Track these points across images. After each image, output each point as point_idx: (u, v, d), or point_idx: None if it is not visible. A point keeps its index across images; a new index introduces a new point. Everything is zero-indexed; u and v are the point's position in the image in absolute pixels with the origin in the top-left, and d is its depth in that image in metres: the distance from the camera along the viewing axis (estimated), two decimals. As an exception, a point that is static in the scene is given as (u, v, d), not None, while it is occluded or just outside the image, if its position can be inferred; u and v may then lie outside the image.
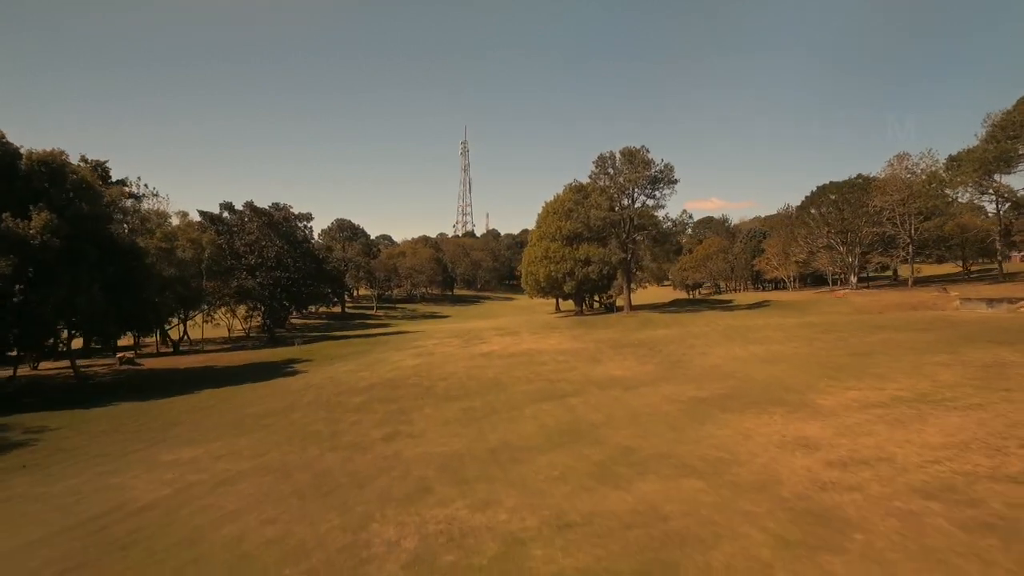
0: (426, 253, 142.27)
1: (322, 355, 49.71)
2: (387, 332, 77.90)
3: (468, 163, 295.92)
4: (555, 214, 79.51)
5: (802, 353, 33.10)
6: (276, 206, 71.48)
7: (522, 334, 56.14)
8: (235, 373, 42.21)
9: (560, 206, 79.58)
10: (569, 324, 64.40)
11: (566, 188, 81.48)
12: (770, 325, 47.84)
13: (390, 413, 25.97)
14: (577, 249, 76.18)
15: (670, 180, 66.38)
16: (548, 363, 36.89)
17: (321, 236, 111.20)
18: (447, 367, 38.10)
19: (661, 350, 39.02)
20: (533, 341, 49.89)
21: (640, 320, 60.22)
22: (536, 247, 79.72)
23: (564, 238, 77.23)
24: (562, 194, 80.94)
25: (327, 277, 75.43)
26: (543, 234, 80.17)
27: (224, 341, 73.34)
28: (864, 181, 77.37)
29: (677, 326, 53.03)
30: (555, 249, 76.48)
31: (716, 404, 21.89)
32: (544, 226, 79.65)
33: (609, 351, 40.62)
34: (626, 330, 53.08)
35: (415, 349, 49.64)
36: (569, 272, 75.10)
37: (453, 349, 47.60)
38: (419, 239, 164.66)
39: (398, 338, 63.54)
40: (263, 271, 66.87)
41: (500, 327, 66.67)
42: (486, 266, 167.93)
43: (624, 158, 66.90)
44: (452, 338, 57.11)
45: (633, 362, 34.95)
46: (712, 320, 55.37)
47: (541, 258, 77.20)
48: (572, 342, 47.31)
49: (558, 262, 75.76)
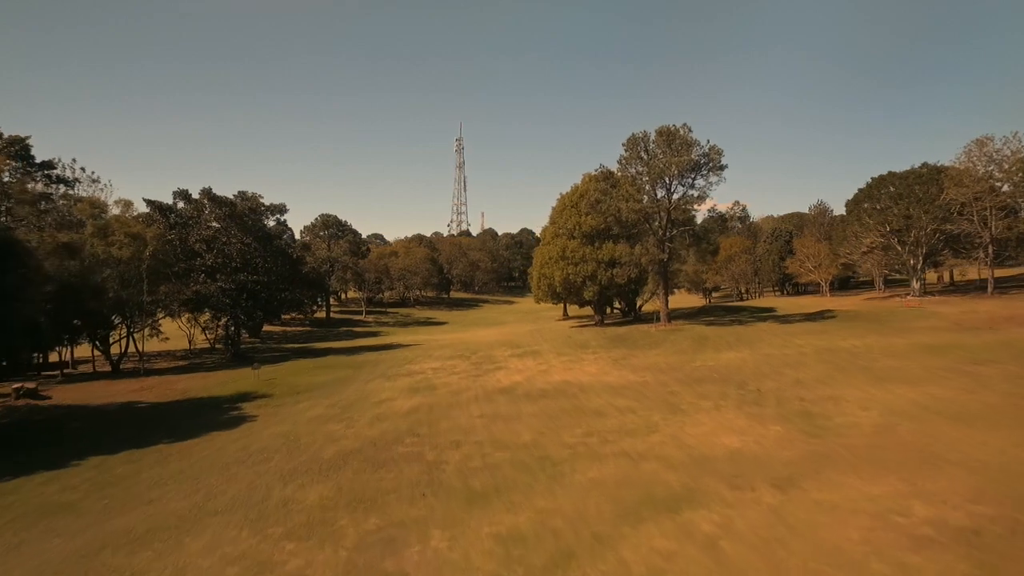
0: (420, 253, 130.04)
1: (287, 385, 37.55)
2: (376, 346, 65.76)
3: (463, 160, 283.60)
4: (573, 208, 67.64)
5: (1002, 407, 21.57)
6: (242, 195, 59.21)
7: (545, 354, 44.30)
8: (152, 419, 29.94)
9: (578, 198, 67.75)
10: (598, 339, 52.58)
11: (586, 177, 69.62)
12: (877, 348, 36.27)
13: (367, 543, 14.00)
14: (600, 249, 64.40)
15: (717, 166, 54.90)
16: (605, 412, 25.04)
17: (304, 233, 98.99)
18: (456, 416, 26.18)
19: (760, 390, 27.28)
20: (564, 366, 38.07)
21: (689, 337, 48.48)
22: (551, 246, 67.84)
23: (584, 235, 65.40)
24: (581, 184, 69.09)
25: (304, 280, 63.19)
26: (559, 231, 68.32)
27: (183, 355, 60.91)
28: (931, 171, 66.22)
29: (744, 346, 41.37)
30: (573, 248, 64.66)
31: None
32: (560, 221, 67.80)
33: (682, 389, 28.83)
34: (680, 352, 41.31)
35: (409, 378, 37.65)
36: (590, 275, 63.31)
37: (460, 379, 35.68)
38: (413, 238, 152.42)
39: (389, 356, 51.45)
40: (225, 273, 54.62)
41: (512, 342, 54.77)
42: (484, 267, 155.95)
43: (661, 139, 55.30)
44: (456, 358, 45.20)
45: (738, 415, 23.17)
46: (786, 338, 43.67)
47: (557, 259, 65.35)
48: (619, 370, 35.51)
49: (577, 264, 63.93)
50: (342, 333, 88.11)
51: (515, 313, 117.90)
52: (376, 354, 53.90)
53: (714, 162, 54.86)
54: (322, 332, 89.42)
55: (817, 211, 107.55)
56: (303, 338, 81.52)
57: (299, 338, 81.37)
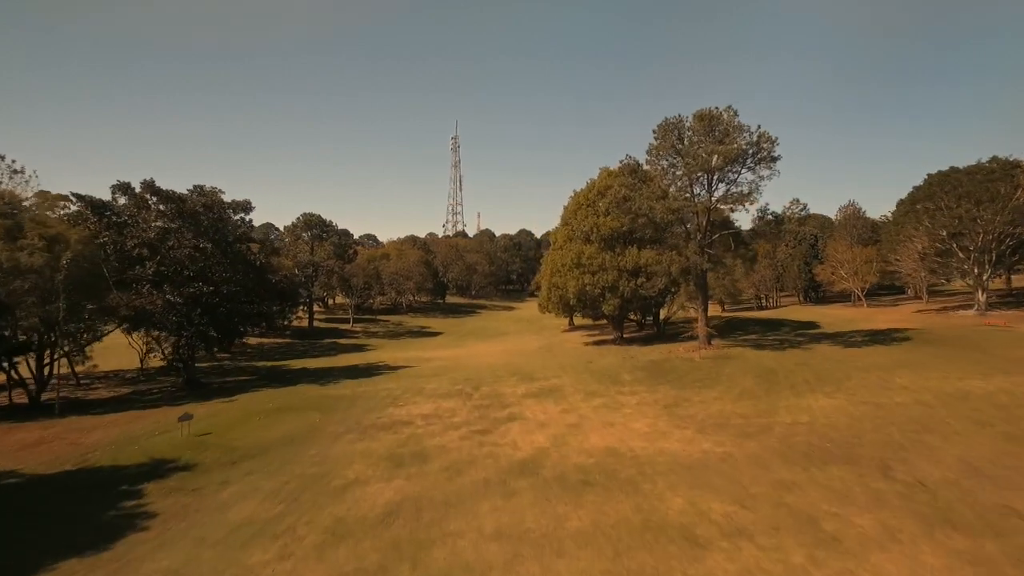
0: (413, 255, 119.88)
1: (223, 447, 27.31)
2: (359, 367, 55.65)
3: (459, 159, 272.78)
4: (588, 207, 57.79)
5: None
6: (198, 189, 48.95)
7: (568, 392, 34.30)
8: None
9: (595, 196, 57.90)
10: (628, 366, 42.67)
11: (603, 172, 59.74)
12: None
13: None
14: (621, 255, 54.60)
15: (768, 157, 45.33)
16: (700, 539, 15.09)
17: (286, 234, 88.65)
18: (457, 533, 16.20)
19: (923, 483, 17.43)
20: (599, 417, 28.13)
21: (746, 368, 38.51)
22: (564, 251, 57.91)
23: (602, 239, 55.56)
24: (598, 180, 59.23)
25: (274, 291, 52.92)
26: (572, 233, 58.45)
27: (132, 378, 50.58)
28: (1003, 166, 56.82)
29: (830, 386, 31.53)
30: (591, 255, 54.77)
31: None
32: (575, 223, 57.90)
33: (796, 476, 18.87)
34: (749, 395, 31.30)
35: (392, 433, 27.52)
36: (611, 286, 53.46)
37: (461, 440, 25.65)
38: (406, 239, 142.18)
39: (371, 388, 41.33)
40: (174, 284, 44.43)
41: (522, 368, 44.80)
42: (482, 270, 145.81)
43: (700, 125, 45.57)
44: (454, 396, 35.17)
45: (939, 554, 13.38)
46: (879, 375, 33.57)
47: (571, 266, 55.45)
48: (678, 426, 25.56)
49: (595, 272, 54.06)
50: (325, 347, 77.91)
51: (516, 321, 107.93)
52: (356, 384, 43.74)
53: (765, 152, 45.11)
54: (303, 345, 79.21)
55: (847, 212, 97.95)
56: (279, 353, 71.29)
57: (275, 353, 71.13)
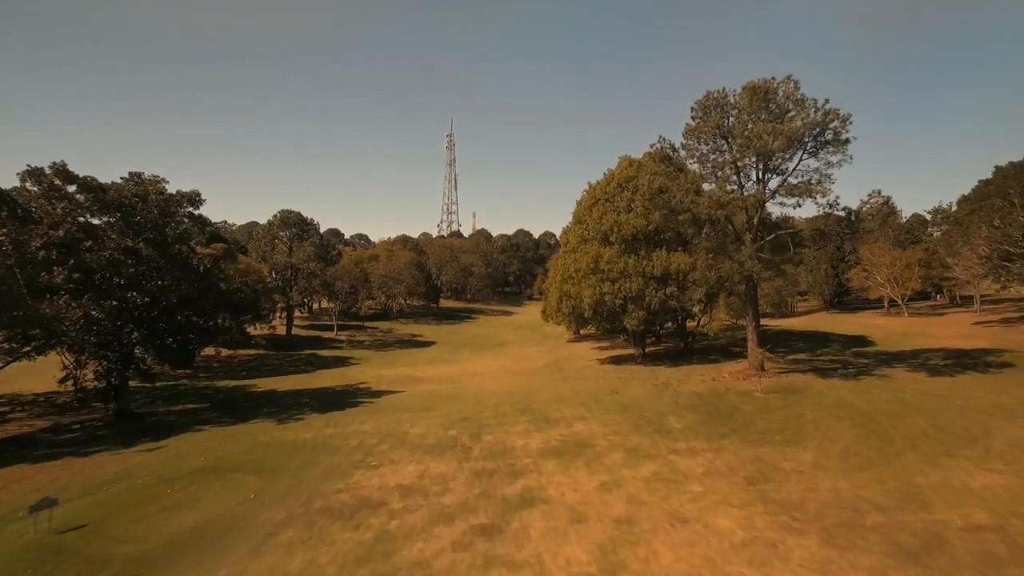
0: (405, 257, 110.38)
1: (83, 563, 17.68)
2: (332, 392, 46.32)
3: (454, 157, 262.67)
4: (607, 202, 48.58)
5: None
6: (135, 178, 39.43)
7: (603, 449, 24.89)
8: None
9: (615, 190, 48.67)
10: (670, 405, 33.44)
11: (623, 162, 50.57)
12: None
13: None
14: (648, 259, 45.44)
15: (836, 139, 36.31)
16: None
17: (262, 233, 78.96)
18: None
19: None
20: (662, 505, 18.73)
21: (827, 407, 29.34)
22: (576, 255, 48.62)
23: (624, 241, 46.39)
24: (618, 170, 49.99)
25: (225, 302, 43.21)
26: (587, 233, 49.21)
27: (62, 405, 40.93)
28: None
29: (964, 441, 22.48)
30: (611, 258, 45.52)
31: None
32: (590, 221, 48.62)
33: None
34: (864, 462, 21.93)
35: (350, 535, 17.98)
36: (635, 296, 44.30)
37: (451, 553, 16.23)
38: (397, 240, 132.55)
39: (337, 433, 31.80)
40: (99, 294, 34.95)
41: (532, 403, 35.49)
42: (478, 272, 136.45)
43: (752, 100, 36.52)
44: (447, 452, 25.84)
45: None
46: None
47: (587, 272, 46.21)
48: (796, 530, 16.20)
49: (616, 280, 44.84)
50: (302, 360, 68.35)
51: (515, 328, 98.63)
52: (324, 421, 34.26)
53: (834, 133, 36.00)
54: (277, 358, 69.61)
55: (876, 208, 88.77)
56: (249, 368, 61.71)
57: (244, 368, 61.57)
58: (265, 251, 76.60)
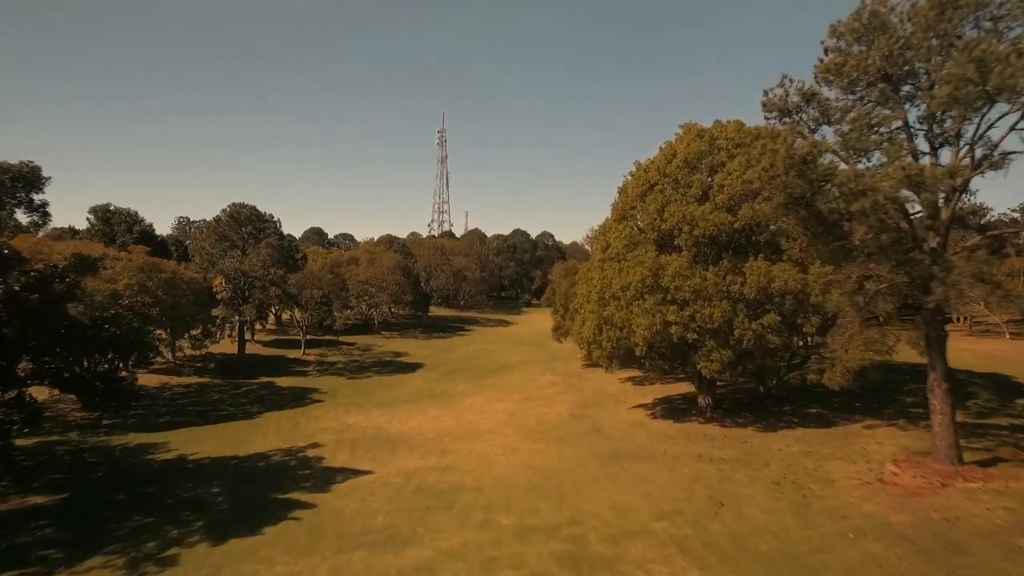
0: (389, 260, 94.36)
1: None
2: (265, 467, 30.61)
3: (446, 154, 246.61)
4: (672, 186, 33.14)
5: None
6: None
7: None
8: None
9: (677, 169, 33.18)
10: (809, 525, 18.19)
11: (691, 129, 34.94)
12: None
13: None
14: (735, 271, 30.07)
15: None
16: None
17: (207, 232, 62.72)
18: None
19: None
20: None
21: None
22: (623, 265, 32.96)
23: (698, 244, 31.00)
24: (682, 144, 34.28)
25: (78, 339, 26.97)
26: (637, 236, 33.75)
27: None
28: None
29: None
30: (679, 271, 30.00)
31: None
32: (644, 215, 33.12)
33: None
34: None
35: None
36: (717, 328, 28.95)
37: None
38: (381, 240, 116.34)
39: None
40: None
41: (588, 533, 20.00)
42: (473, 277, 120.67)
43: (935, 9, 21.55)
44: None
45: None
46: None
47: (640, 290, 30.73)
48: None
49: (688, 302, 29.44)
50: (251, 393, 52.33)
51: (516, 343, 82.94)
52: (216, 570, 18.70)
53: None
54: (221, 390, 53.59)
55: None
56: (176, 409, 45.78)
57: (169, 408, 45.65)
58: (211, 255, 60.39)
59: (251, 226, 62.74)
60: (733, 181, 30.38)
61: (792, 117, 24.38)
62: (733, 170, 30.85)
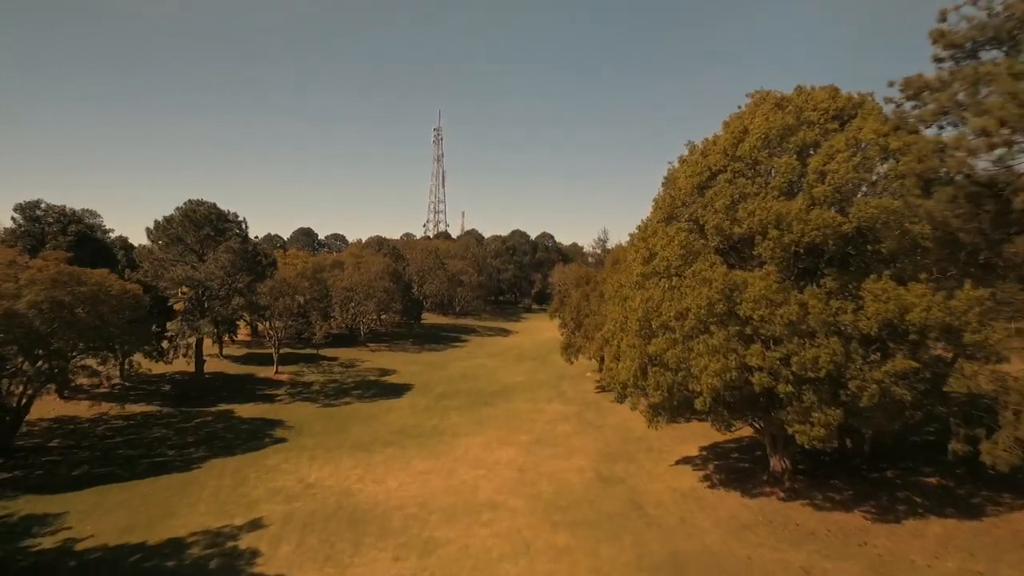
0: (377, 264, 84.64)
1: None
2: (179, 570, 21.16)
3: (442, 152, 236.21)
4: (750, 171, 23.66)
5: None
6: None
7: None
8: None
9: (752, 152, 23.80)
10: None
11: (762, 104, 25.31)
12: None
13: None
14: (847, 295, 20.70)
15: None
16: None
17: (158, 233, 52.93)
18: None
19: None
20: None
21: None
22: (678, 287, 23.57)
23: (788, 256, 21.59)
24: (755, 118, 24.70)
25: None
26: (694, 240, 24.28)
27: None
28: None
29: None
30: (763, 293, 20.63)
31: None
32: (703, 213, 23.68)
33: None
34: None
35: None
36: (825, 377, 19.65)
37: None
38: (370, 242, 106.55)
39: None
40: None
41: None
42: (470, 281, 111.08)
43: None
44: None
45: None
46: None
47: (704, 318, 21.39)
48: None
49: (780, 339, 20.09)
50: (204, 427, 42.73)
51: (518, 359, 73.51)
52: None
53: None
54: (170, 421, 44.07)
55: None
56: (102, 453, 36.31)
57: (92, 453, 36.02)
58: (161, 261, 50.67)
59: (210, 227, 53.02)
60: (839, 167, 21.07)
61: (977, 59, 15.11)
62: (838, 151, 21.54)
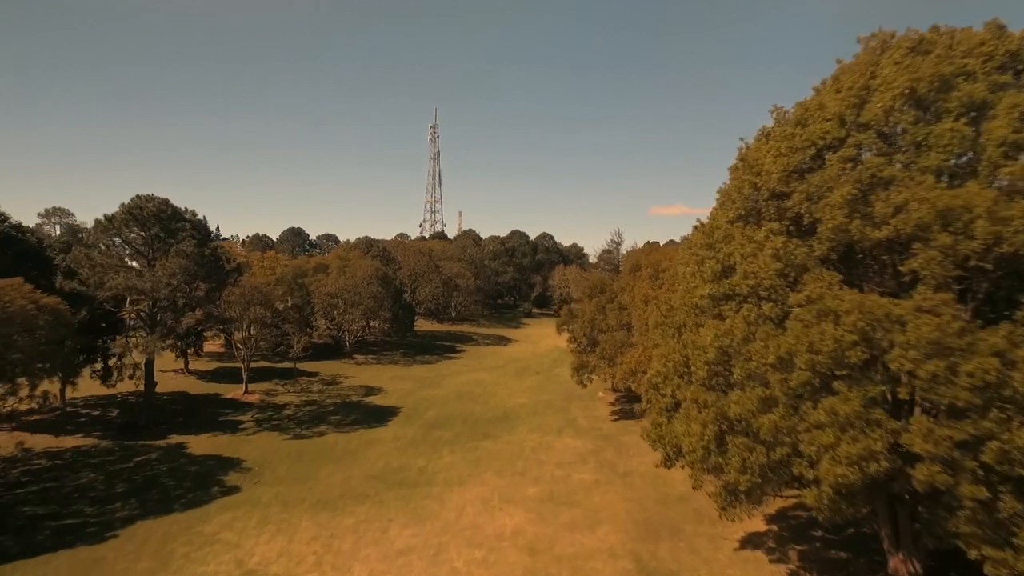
0: (366, 268, 76.25)
1: None
2: None
3: (438, 151, 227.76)
4: (885, 150, 15.69)
5: None
6: None
7: None
8: None
9: (886, 114, 15.82)
10: None
11: (898, 46, 17.49)
12: None
13: None
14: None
15: None
16: None
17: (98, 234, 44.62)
18: None
19: None
20: None
21: None
22: (783, 322, 15.66)
23: (976, 273, 13.61)
24: (900, 57, 16.84)
25: None
26: (795, 251, 16.28)
27: None
28: None
29: None
30: (935, 334, 12.76)
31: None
32: (812, 211, 15.82)
33: None
34: None
35: None
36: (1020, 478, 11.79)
37: None
38: (358, 243, 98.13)
39: None
40: None
41: None
42: (467, 285, 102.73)
43: None
44: None
45: None
46: None
47: (828, 372, 13.47)
48: None
49: (981, 410, 12.20)
50: (139, 470, 34.69)
51: (521, 374, 65.27)
52: None
53: None
54: (96, 463, 36.08)
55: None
56: (4, 504, 28.02)
57: None
58: (101, 268, 42.36)
59: (160, 227, 44.70)
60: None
61: None
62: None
